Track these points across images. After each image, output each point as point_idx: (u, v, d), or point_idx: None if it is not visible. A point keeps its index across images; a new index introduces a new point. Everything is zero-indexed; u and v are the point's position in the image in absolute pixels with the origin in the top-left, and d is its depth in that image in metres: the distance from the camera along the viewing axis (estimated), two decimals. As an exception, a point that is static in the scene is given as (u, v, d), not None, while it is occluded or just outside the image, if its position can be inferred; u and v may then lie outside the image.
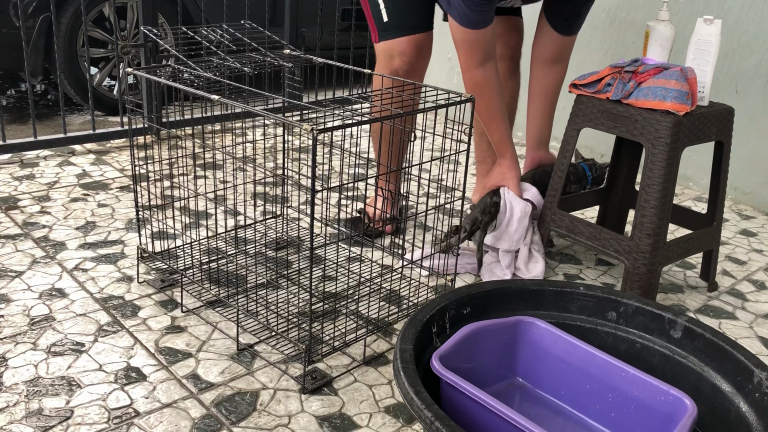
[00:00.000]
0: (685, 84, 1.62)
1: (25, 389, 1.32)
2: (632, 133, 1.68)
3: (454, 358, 1.19)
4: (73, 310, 1.60)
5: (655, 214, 1.66)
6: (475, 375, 1.23)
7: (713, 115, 1.73)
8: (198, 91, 1.45)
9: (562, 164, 1.87)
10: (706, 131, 1.72)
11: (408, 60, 1.91)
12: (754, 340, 1.70)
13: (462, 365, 1.21)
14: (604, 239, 1.77)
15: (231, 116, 2.99)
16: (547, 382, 1.30)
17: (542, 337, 1.29)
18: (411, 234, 2.14)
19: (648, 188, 1.66)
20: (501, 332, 1.30)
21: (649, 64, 1.70)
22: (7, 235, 1.96)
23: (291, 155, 2.78)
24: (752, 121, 2.59)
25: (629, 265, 1.71)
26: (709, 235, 1.86)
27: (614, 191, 2.07)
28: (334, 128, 1.25)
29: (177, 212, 2.13)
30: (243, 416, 1.29)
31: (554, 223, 1.89)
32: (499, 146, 1.94)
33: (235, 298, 1.66)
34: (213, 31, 1.71)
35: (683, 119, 1.63)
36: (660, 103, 1.62)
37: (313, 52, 2.27)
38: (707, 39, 1.70)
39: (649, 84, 1.65)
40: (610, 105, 1.72)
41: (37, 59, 3.12)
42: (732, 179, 2.68)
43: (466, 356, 1.24)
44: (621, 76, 1.71)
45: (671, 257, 1.75)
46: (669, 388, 1.15)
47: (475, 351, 1.27)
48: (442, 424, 0.96)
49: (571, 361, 1.26)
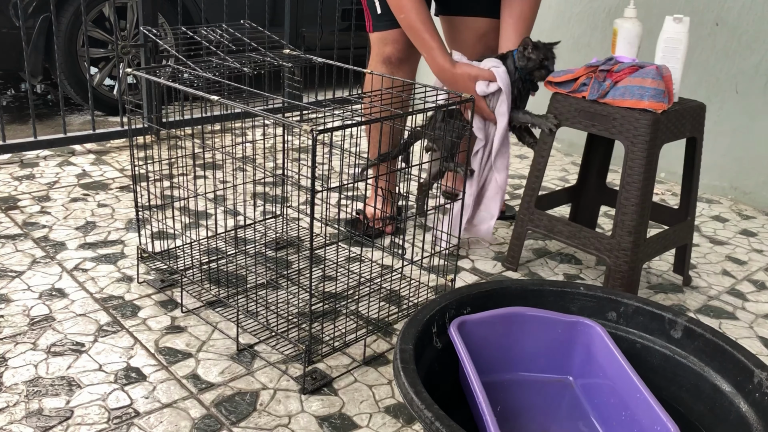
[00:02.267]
0: (661, 82, 1.63)
1: (25, 389, 1.32)
2: (610, 132, 1.69)
3: (487, 332, 1.23)
4: (73, 310, 1.60)
5: (636, 212, 1.67)
6: (512, 356, 1.29)
7: (687, 111, 1.74)
8: (198, 91, 1.45)
9: (539, 164, 1.86)
10: (681, 128, 1.74)
11: (401, 48, 1.96)
12: (754, 340, 1.70)
13: (495, 340, 1.27)
14: (584, 238, 1.78)
15: (231, 116, 2.99)
16: (588, 388, 1.31)
17: (596, 343, 1.29)
18: (411, 234, 2.14)
19: (628, 186, 1.67)
20: (555, 326, 1.31)
21: (624, 62, 1.70)
22: (7, 235, 1.96)
23: (291, 155, 2.78)
24: (752, 121, 2.59)
25: (611, 263, 1.71)
26: (683, 230, 1.89)
27: (586, 188, 2.08)
28: (333, 128, 1.25)
29: (177, 212, 2.13)
30: (243, 416, 1.29)
31: (532, 222, 1.89)
32: (433, 61, 1.87)
33: (235, 299, 1.66)
34: (213, 31, 1.71)
35: (661, 117, 1.64)
36: (637, 102, 1.63)
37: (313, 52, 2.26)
38: (676, 37, 1.71)
39: (625, 83, 1.66)
40: (587, 104, 1.72)
41: (37, 59, 3.11)
42: (732, 179, 2.68)
43: (505, 335, 1.28)
44: (596, 75, 1.71)
45: (650, 254, 1.77)
46: (666, 419, 1.11)
47: (517, 335, 1.29)
48: (442, 424, 0.96)
49: (609, 373, 1.26)
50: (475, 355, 1.25)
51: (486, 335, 1.28)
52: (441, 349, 1.25)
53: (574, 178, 2.78)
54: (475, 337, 1.26)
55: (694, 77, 2.72)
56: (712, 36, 2.64)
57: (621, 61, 1.71)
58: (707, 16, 2.64)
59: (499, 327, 1.29)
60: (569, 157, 3.11)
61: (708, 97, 2.69)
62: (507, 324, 1.30)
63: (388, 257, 1.97)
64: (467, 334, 1.25)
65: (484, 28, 2.05)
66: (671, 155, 2.82)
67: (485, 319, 1.28)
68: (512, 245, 1.96)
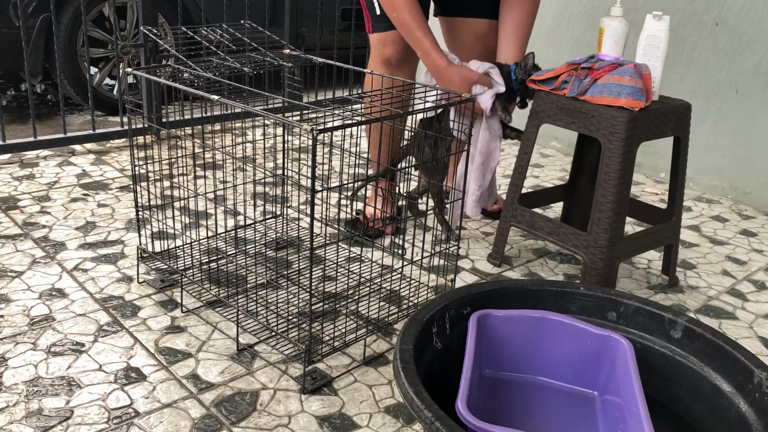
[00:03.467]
0: (639, 80, 1.63)
1: (25, 389, 1.32)
2: (589, 129, 1.69)
3: (513, 330, 1.25)
4: (73, 310, 1.60)
5: (612, 209, 1.67)
6: (537, 360, 1.30)
7: (669, 110, 1.74)
8: (198, 91, 1.45)
9: (523, 160, 1.86)
10: (662, 126, 1.74)
11: (400, 49, 1.96)
12: (754, 340, 1.70)
13: (520, 340, 1.29)
14: (563, 234, 1.79)
15: (231, 116, 2.99)
16: (606, 404, 1.30)
17: (620, 359, 1.27)
18: (411, 234, 2.14)
19: (605, 183, 1.68)
20: (584, 337, 1.30)
21: (604, 60, 1.71)
22: (7, 235, 1.96)
23: (291, 155, 2.78)
24: (752, 121, 2.59)
25: (587, 260, 1.72)
26: (668, 230, 1.89)
27: (578, 187, 2.08)
28: (333, 128, 1.25)
29: (177, 212, 2.13)
30: (243, 416, 1.29)
31: (515, 218, 1.90)
32: (428, 59, 1.87)
33: (235, 298, 1.66)
34: (213, 31, 1.71)
35: (638, 115, 1.64)
36: (615, 100, 1.63)
37: (313, 52, 2.27)
38: (656, 34, 1.72)
39: (604, 81, 1.66)
40: (567, 101, 1.73)
41: (37, 59, 3.11)
42: (732, 179, 2.68)
43: (532, 337, 1.29)
44: (577, 72, 1.71)
45: (629, 252, 1.78)
46: None
47: (545, 339, 1.30)
48: (442, 424, 0.96)
49: (621, 388, 1.25)
50: (496, 351, 1.27)
51: (511, 333, 1.29)
52: (441, 349, 1.26)
53: (574, 178, 2.78)
54: (497, 332, 1.28)
55: (694, 77, 2.72)
56: (712, 36, 2.64)
57: (602, 59, 1.72)
58: (707, 16, 2.64)
59: (527, 327, 1.30)
60: (569, 157, 3.11)
61: (708, 97, 2.69)
62: (534, 326, 1.30)
63: (388, 257, 1.97)
64: (489, 328, 1.27)
65: (484, 30, 2.05)
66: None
67: (513, 317, 1.29)
68: (497, 241, 1.97)
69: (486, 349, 1.30)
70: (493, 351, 1.30)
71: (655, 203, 2.59)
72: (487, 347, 1.30)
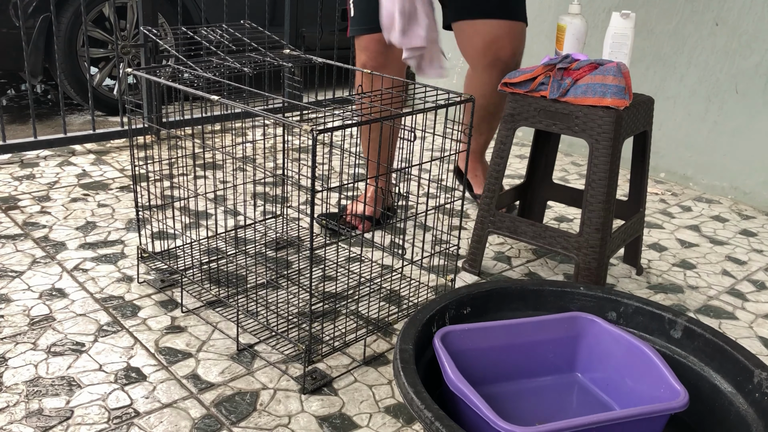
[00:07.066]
0: (621, 79, 1.63)
1: (25, 389, 1.32)
2: (573, 130, 1.69)
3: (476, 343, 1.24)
4: (73, 310, 1.60)
5: (603, 209, 1.68)
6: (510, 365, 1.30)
7: (641, 105, 1.76)
8: (198, 91, 1.45)
9: (497, 165, 1.84)
10: (637, 122, 1.76)
11: (372, 56, 1.94)
12: (754, 340, 1.70)
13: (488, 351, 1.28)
14: (550, 237, 1.78)
15: (231, 116, 2.99)
16: (595, 379, 1.33)
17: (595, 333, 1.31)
18: (411, 234, 2.14)
19: (594, 183, 1.68)
20: (550, 328, 1.32)
21: (581, 60, 1.70)
22: (7, 235, 1.96)
23: (291, 155, 2.79)
24: (752, 121, 2.59)
25: (580, 261, 1.72)
26: (638, 222, 1.92)
27: (533, 185, 2.09)
28: (333, 128, 1.25)
29: (177, 212, 2.13)
30: (243, 416, 1.29)
31: (494, 224, 1.85)
32: None
33: (235, 298, 1.66)
34: (213, 31, 1.71)
35: (623, 113, 1.65)
36: (600, 100, 1.63)
37: (313, 52, 2.27)
38: (623, 32, 1.73)
39: (586, 81, 1.66)
40: (547, 103, 1.72)
41: (37, 59, 3.11)
42: (732, 179, 2.68)
43: (497, 345, 1.29)
44: (554, 74, 1.71)
45: (614, 249, 1.79)
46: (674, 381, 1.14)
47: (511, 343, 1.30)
48: (442, 424, 0.96)
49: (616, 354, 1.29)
50: (468, 366, 1.24)
51: (476, 346, 1.26)
52: (441, 349, 1.25)
53: (574, 178, 2.78)
54: (463, 347, 1.25)
55: (694, 77, 2.72)
56: (712, 36, 2.64)
57: (578, 59, 1.71)
58: (707, 16, 2.64)
59: (491, 337, 1.27)
60: (569, 157, 3.11)
61: (708, 97, 2.70)
62: (500, 333, 1.28)
63: (388, 257, 1.97)
64: (453, 344, 1.24)
65: (494, 33, 1.96)
66: (672, 155, 2.82)
67: (473, 330, 1.26)
68: (472, 249, 1.90)
69: (459, 366, 1.28)
70: (465, 366, 1.27)
71: (656, 203, 2.59)
72: (458, 363, 1.27)
